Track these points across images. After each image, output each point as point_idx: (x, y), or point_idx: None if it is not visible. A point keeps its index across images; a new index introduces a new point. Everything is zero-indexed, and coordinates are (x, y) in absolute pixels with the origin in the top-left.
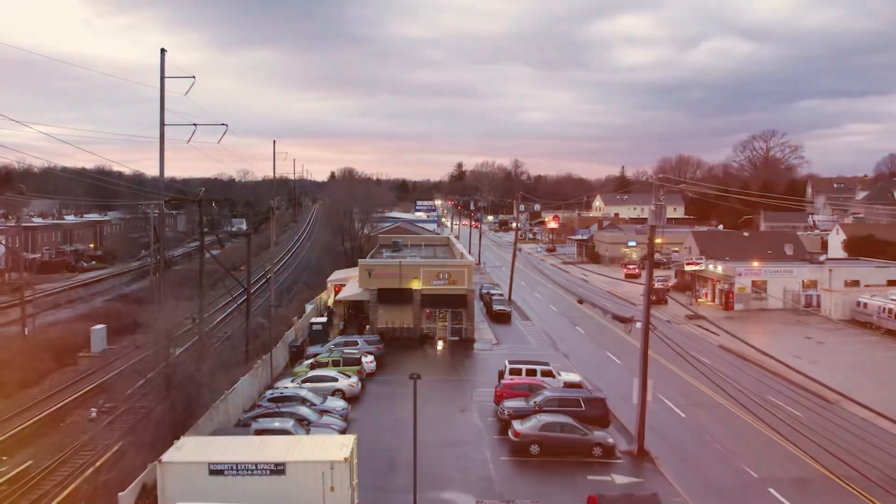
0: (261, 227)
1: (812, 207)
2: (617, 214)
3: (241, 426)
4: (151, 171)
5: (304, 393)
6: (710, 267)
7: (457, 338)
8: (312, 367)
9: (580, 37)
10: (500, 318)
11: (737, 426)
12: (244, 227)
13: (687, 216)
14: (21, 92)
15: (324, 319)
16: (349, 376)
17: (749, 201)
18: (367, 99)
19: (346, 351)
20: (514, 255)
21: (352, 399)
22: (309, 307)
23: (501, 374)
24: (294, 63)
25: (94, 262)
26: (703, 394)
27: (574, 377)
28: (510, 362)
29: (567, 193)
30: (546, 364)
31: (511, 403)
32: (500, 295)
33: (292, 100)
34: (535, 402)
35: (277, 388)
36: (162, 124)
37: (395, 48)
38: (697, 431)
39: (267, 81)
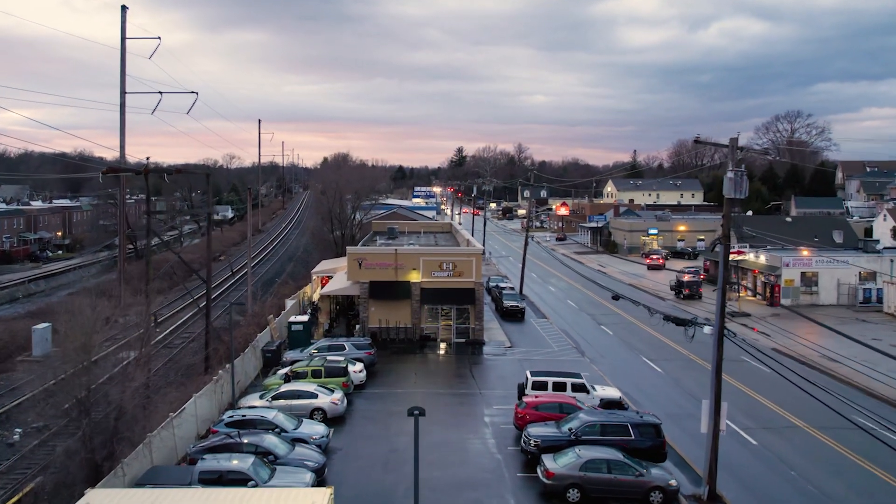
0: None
1: (843, 193)
2: (632, 200)
3: (189, 462)
4: (136, 155)
5: (272, 415)
6: (752, 256)
7: (463, 339)
8: (287, 378)
9: (583, 16)
10: (513, 316)
11: (827, 458)
12: (229, 214)
13: (706, 202)
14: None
15: (305, 318)
16: (332, 391)
17: (775, 186)
18: (362, 82)
19: (329, 358)
20: (526, 243)
21: (335, 420)
22: (290, 303)
23: (522, 389)
24: (284, 44)
25: (60, 252)
26: (770, 411)
27: (613, 393)
28: (532, 374)
29: (573, 180)
30: (577, 376)
31: (538, 430)
32: (511, 288)
33: (283, 83)
34: (569, 429)
35: (239, 409)
36: (123, 92)
37: (391, 28)
38: (777, 465)
39: (256, 63)
